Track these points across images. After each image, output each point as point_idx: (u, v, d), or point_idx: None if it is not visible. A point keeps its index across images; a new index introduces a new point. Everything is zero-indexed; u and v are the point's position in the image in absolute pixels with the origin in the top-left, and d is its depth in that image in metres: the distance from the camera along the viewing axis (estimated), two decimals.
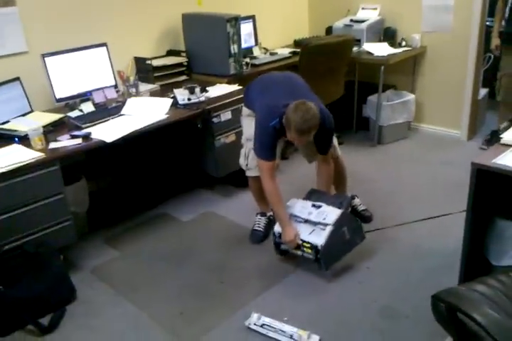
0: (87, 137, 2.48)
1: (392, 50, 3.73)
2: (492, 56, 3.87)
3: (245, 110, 2.67)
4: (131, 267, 2.65)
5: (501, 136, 2.00)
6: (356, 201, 2.95)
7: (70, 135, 2.49)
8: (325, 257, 2.33)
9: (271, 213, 2.89)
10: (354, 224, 2.47)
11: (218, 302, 2.34)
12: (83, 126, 2.61)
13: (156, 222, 3.07)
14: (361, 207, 2.93)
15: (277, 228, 2.48)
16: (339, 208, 2.42)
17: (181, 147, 3.31)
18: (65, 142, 2.43)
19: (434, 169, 3.50)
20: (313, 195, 2.57)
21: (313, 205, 2.46)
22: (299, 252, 2.42)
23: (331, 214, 2.39)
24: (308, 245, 2.34)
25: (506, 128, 2.06)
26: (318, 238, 2.33)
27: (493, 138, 3.65)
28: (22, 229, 2.29)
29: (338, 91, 3.68)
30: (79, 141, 2.44)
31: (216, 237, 2.87)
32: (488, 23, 3.72)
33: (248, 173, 2.73)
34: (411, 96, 3.93)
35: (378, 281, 2.39)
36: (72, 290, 2.39)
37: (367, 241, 2.53)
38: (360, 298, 2.30)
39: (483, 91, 4.04)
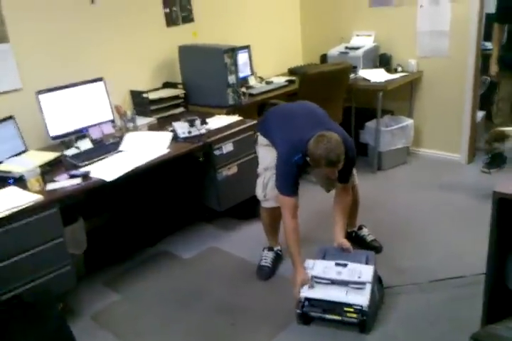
0: (85, 176, 2.37)
1: (389, 76, 3.72)
2: (489, 79, 3.88)
3: (262, 139, 2.59)
4: (134, 311, 2.51)
5: None
6: (364, 231, 2.86)
7: (68, 175, 2.39)
8: (370, 319, 2.15)
9: (278, 248, 2.79)
10: (378, 281, 2.33)
11: None
12: (81, 164, 2.51)
13: (156, 261, 2.94)
14: (370, 238, 2.83)
15: (302, 293, 2.22)
16: (367, 264, 2.28)
17: (181, 181, 3.21)
18: (63, 182, 2.33)
19: (438, 194, 3.44)
20: (328, 254, 2.41)
21: (338, 264, 2.28)
22: (337, 317, 2.17)
23: (364, 271, 2.22)
24: (351, 308, 2.13)
25: None
26: (359, 298, 2.13)
27: (494, 161, 3.63)
28: (20, 277, 2.15)
29: (337, 118, 3.64)
30: (78, 180, 2.33)
31: (221, 275, 2.75)
32: (483, 47, 3.75)
33: (265, 204, 2.63)
34: (409, 121, 3.90)
35: (399, 318, 2.27)
36: None
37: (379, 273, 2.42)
38: (379, 336, 2.17)
39: (481, 114, 4.04)
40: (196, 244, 3.08)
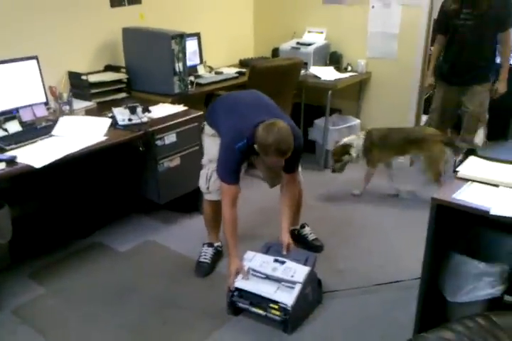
0: (12, 161, 2.19)
1: (338, 75, 3.73)
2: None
3: (208, 129, 2.49)
4: (59, 306, 2.35)
5: (457, 169, 1.98)
6: (307, 230, 2.85)
7: None
8: (293, 319, 2.12)
9: (219, 243, 2.72)
10: (315, 283, 2.31)
11: None
12: (7, 148, 2.31)
13: (89, 253, 2.78)
14: (312, 237, 2.82)
15: (236, 283, 2.22)
16: (305, 265, 2.25)
17: (119, 170, 3.05)
18: None
19: (382, 196, 3.49)
20: (272, 249, 2.38)
21: (276, 260, 2.26)
22: (261, 312, 2.16)
23: (299, 271, 2.19)
24: (276, 306, 2.11)
25: (461, 162, 2.04)
26: (286, 297, 2.11)
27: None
28: None
29: (286, 113, 3.60)
30: (2, 165, 2.15)
31: (157, 270, 2.64)
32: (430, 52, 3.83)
33: (207, 197, 2.55)
34: (356, 121, 3.94)
35: (333, 319, 2.26)
36: None
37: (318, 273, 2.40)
38: (315, 338, 2.15)
39: (425, 118, 4.12)
40: (133, 236, 2.95)
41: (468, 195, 1.76)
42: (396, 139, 3.24)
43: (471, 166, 1.99)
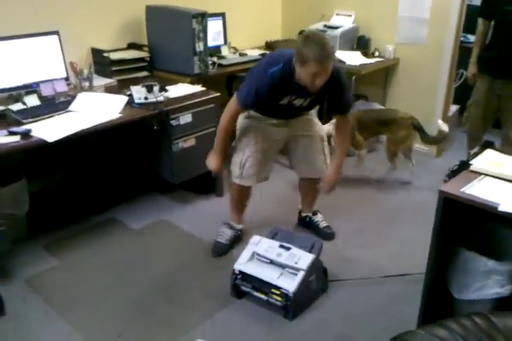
0: (26, 134, 2.23)
1: (364, 60, 3.62)
2: (465, 73, 3.54)
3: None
4: (70, 279, 2.42)
5: (471, 162, 1.90)
6: (319, 217, 2.81)
7: (8, 131, 2.24)
8: (294, 305, 2.12)
9: (240, 227, 2.69)
10: (321, 271, 2.29)
11: (162, 325, 2.13)
12: (24, 121, 2.36)
13: (103, 229, 2.84)
14: (323, 224, 2.79)
15: (239, 266, 2.23)
16: (310, 252, 2.24)
17: (136, 148, 3.08)
18: (0, 138, 2.18)
19: (400, 186, 3.41)
20: (279, 235, 2.37)
21: (282, 246, 2.24)
22: (263, 296, 2.16)
23: (303, 258, 2.17)
24: (278, 291, 2.12)
25: (476, 155, 1.96)
26: (289, 283, 2.10)
27: (461, 170, 3.40)
28: None
29: None
30: (17, 138, 2.19)
31: (168, 249, 2.67)
32: (462, 39, 3.66)
33: (238, 181, 2.51)
34: (382, 108, 3.82)
35: (337, 308, 2.24)
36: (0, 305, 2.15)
37: (325, 260, 2.37)
38: (316, 325, 2.14)
39: (454, 108, 3.98)
40: (147, 215, 2.98)
41: (478, 190, 1.69)
42: (369, 120, 3.31)
43: (486, 160, 1.90)
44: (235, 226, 2.68)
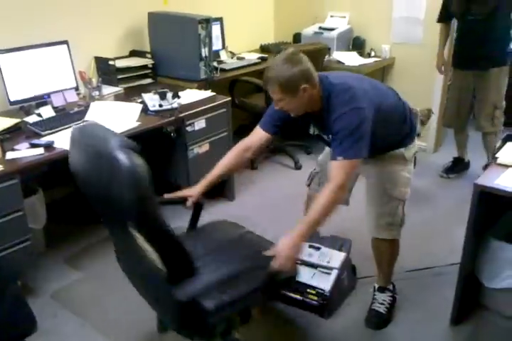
0: (49, 146, 2.20)
1: (362, 60, 3.70)
2: None
3: None
4: (98, 290, 2.39)
5: (496, 155, 1.98)
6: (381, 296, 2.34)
7: (30, 144, 2.21)
8: (330, 304, 2.15)
9: None
10: (350, 269, 2.33)
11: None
12: (43, 133, 2.33)
13: None
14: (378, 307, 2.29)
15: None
16: (339, 251, 2.27)
17: (150, 156, 3.04)
18: (24, 152, 2.15)
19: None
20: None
21: (312, 246, 2.27)
22: (298, 296, 2.18)
23: (335, 257, 2.22)
24: (313, 291, 2.14)
25: (499, 148, 2.04)
26: (324, 283, 2.14)
27: (456, 167, 3.56)
28: None
29: None
30: (40, 150, 2.16)
31: None
32: None
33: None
34: None
35: (367, 302, 2.26)
36: (33, 321, 2.09)
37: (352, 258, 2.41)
38: (353, 322, 2.17)
39: None
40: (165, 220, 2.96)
41: (510, 181, 1.77)
42: None
43: (511, 152, 1.99)
44: None
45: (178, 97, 2.77)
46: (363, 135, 1.69)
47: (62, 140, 2.27)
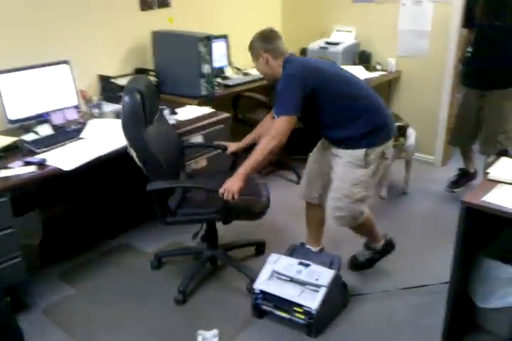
0: (41, 164, 2.24)
1: (368, 74, 3.66)
2: None
3: None
4: (89, 307, 2.40)
5: (487, 170, 1.90)
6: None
7: (23, 162, 2.26)
8: (318, 323, 2.11)
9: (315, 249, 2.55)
10: (341, 287, 2.28)
11: None
12: (38, 151, 2.38)
13: (116, 254, 2.83)
14: None
15: (259, 285, 2.22)
16: (330, 268, 2.23)
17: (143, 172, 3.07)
18: (16, 170, 2.19)
19: (408, 197, 3.43)
20: (296, 252, 2.37)
21: (301, 263, 2.24)
22: (285, 315, 2.16)
23: (324, 274, 2.17)
24: (300, 309, 2.11)
25: (492, 163, 1.97)
26: (311, 301, 2.09)
27: (461, 179, 3.46)
28: None
29: None
30: (32, 168, 2.20)
31: (184, 271, 2.64)
32: None
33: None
34: None
35: (359, 323, 2.22)
36: (20, 337, 2.12)
37: (344, 275, 2.35)
38: (339, 338, 2.12)
39: None
40: (159, 237, 2.97)
41: (498, 198, 1.69)
42: None
43: (503, 168, 1.91)
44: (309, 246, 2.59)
45: (175, 113, 2.80)
46: (290, 95, 2.04)
47: (55, 158, 2.31)
